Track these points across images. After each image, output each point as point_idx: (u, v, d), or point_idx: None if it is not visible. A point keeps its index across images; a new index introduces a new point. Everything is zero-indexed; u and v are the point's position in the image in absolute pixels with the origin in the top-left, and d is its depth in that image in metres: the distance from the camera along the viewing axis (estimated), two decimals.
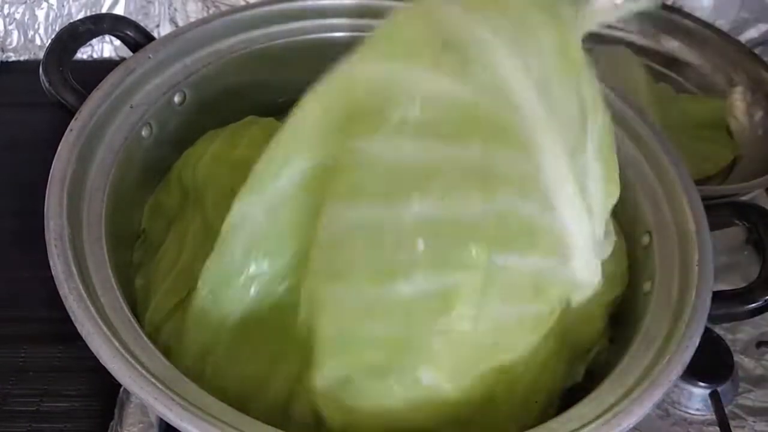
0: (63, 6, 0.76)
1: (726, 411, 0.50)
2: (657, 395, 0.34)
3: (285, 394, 0.38)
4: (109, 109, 0.44)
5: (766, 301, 0.40)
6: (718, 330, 0.54)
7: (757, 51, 0.75)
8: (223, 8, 0.74)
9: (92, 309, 0.34)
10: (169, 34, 0.49)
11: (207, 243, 0.43)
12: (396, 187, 0.33)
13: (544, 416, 0.35)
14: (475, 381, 0.36)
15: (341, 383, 0.35)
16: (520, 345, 0.37)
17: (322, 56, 0.54)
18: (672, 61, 0.75)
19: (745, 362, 0.54)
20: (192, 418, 0.31)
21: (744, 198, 0.60)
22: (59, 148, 0.40)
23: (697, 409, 0.50)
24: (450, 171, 0.33)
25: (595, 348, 0.42)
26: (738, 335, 0.56)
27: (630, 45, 0.74)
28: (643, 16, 0.76)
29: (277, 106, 0.54)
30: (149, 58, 0.47)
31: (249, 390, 0.38)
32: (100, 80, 0.44)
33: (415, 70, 0.34)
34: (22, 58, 0.77)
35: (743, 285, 0.41)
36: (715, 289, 0.39)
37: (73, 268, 0.35)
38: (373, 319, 0.33)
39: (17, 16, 0.75)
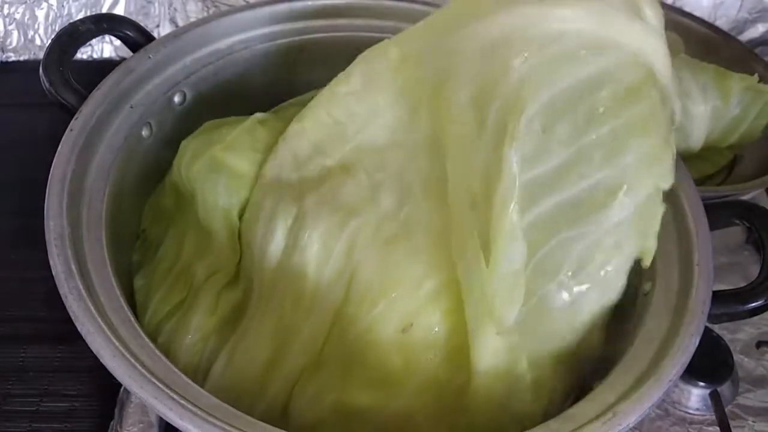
0: (63, 6, 0.76)
1: (726, 411, 0.50)
2: (657, 395, 0.34)
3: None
4: (109, 109, 0.43)
5: (766, 301, 0.40)
6: (718, 330, 0.54)
7: (757, 51, 0.75)
8: (223, 8, 0.74)
9: (92, 309, 0.34)
10: (169, 34, 0.49)
11: (205, 244, 0.43)
12: None
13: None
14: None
15: None
16: None
17: (322, 56, 0.55)
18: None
19: (745, 362, 0.54)
20: (192, 418, 0.31)
21: (744, 198, 0.60)
22: (59, 148, 0.40)
23: (697, 409, 0.50)
24: None
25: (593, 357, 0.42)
26: (738, 335, 0.56)
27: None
28: None
29: (277, 106, 0.54)
30: (149, 58, 0.47)
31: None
32: (100, 80, 0.44)
33: None
34: (22, 58, 0.77)
35: (743, 285, 0.41)
36: (715, 289, 0.39)
37: (73, 268, 0.35)
38: None
39: (17, 16, 0.75)
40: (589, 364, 0.42)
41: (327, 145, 0.42)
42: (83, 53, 0.77)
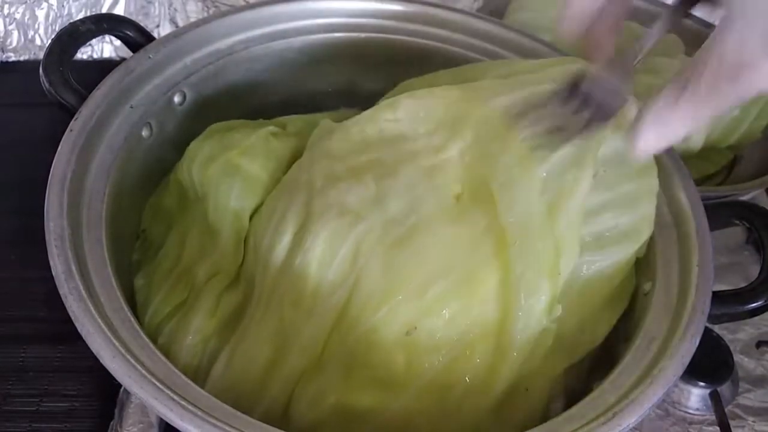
0: (63, 6, 0.76)
1: (726, 411, 0.50)
2: (657, 395, 0.34)
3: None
4: (109, 109, 0.43)
5: (766, 301, 0.40)
6: (718, 330, 0.54)
7: None
8: (223, 8, 0.74)
9: (92, 309, 0.34)
10: (169, 34, 0.49)
11: (208, 245, 0.43)
12: None
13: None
14: None
15: None
16: None
17: (322, 56, 0.55)
18: None
19: (745, 362, 0.54)
20: (192, 418, 0.31)
21: (744, 198, 0.60)
22: (59, 148, 0.40)
23: (697, 409, 0.50)
24: None
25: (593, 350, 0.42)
26: (738, 335, 0.56)
27: None
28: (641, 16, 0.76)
29: (276, 106, 0.54)
30: (149, 58, 0.47)
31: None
32: (100, 80, 0.44)
33: None
34: (22, 58, 0.77)
35: (743, 285, 0.41)
36: (715, 289, 0.39)
37: (73, 268, 0.35)
38: None
39: (17, 16, 0.75)
40: (589, 362, 0.42)
41: (346, 153, 0.42)
42: (83, 53, 0.77)
